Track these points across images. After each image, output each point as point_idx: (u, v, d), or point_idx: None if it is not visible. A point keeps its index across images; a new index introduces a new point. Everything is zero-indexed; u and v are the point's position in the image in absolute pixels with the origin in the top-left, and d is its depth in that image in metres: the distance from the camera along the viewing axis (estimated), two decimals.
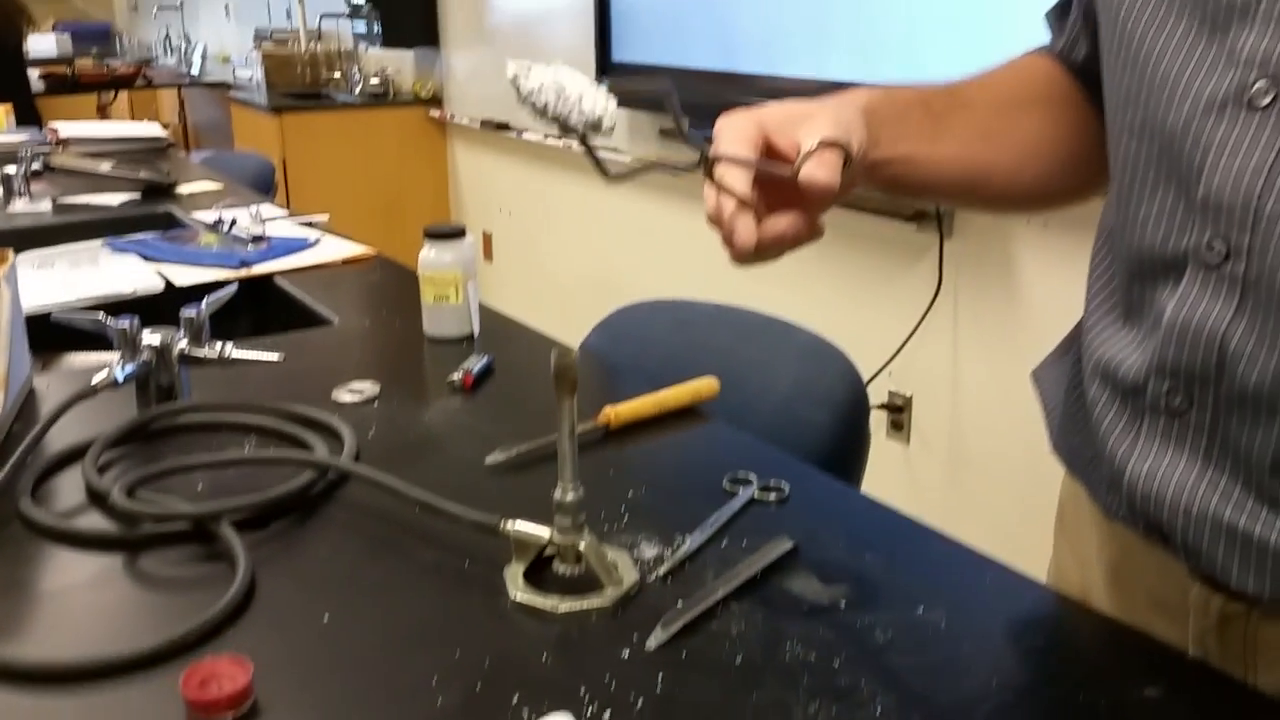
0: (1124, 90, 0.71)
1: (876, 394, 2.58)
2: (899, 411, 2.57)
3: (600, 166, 0.64)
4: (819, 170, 0.69)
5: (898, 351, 2.51)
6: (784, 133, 0.72)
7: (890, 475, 2.63)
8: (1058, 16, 0.90)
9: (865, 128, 0.75)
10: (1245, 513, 0.66)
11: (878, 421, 2.60)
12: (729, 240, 0.71)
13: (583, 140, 0.63)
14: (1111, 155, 0.75)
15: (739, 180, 0.69)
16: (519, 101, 0.60)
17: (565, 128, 0.61)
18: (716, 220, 0.71)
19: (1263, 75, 0.62)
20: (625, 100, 0.64)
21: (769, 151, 0.72)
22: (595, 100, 0.61)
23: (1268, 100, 0.61)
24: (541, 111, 0.61)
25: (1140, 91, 0.69)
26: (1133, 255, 0.71)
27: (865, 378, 2.44)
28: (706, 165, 0.69)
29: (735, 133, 0.71)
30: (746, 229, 0.69)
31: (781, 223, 0.71)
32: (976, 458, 2.43)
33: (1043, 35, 0.92)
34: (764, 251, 0.71)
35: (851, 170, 0.72)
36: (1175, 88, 0.66)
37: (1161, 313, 0.68)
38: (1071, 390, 0.83)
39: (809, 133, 0.71)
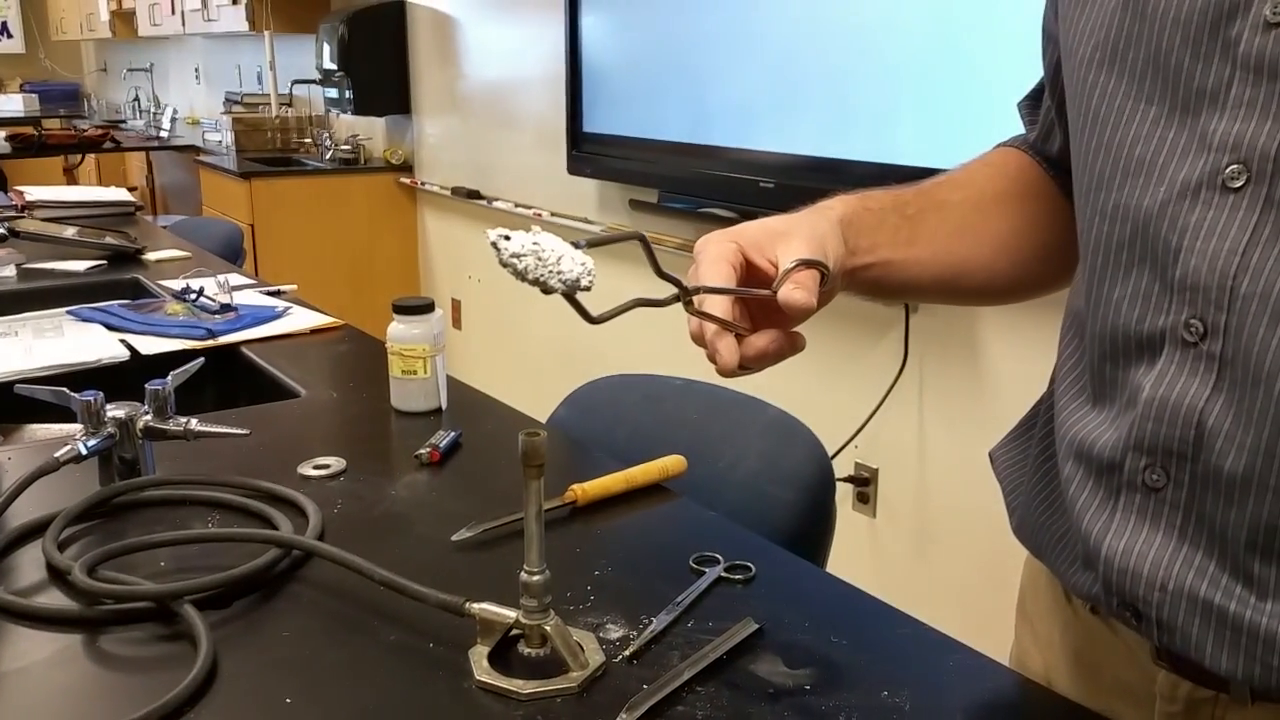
0: (1096, 173, 0.73)
1: (843, 466, 2.59)
2: (865, 484, 2.58)
3: (583, 312, 0.66)
4: (796, 292, 0.72)
5: (865, 424, 2.53)
6: (762, 251, 0.76)
7: (857, 547, 2.64)
8: (1030, 107, 0.92)
9: (841, 239, 0.79)
10: (1221, 590, 0.66)
11: (844, 494, 2.61)
12: (712, 360, 0.74)
13: (565, 294, 0.65)
14: (1081, 238, 0.76)
15: (717, 307, 0.73)
16: (500, 265, 0.63)
17: (546, 290, 0.63)
18: (699, 342, 0.75)
19: (1235, 160, 0.63)
20: (599, 241, 0.68)
21: (748, 269, 0.76)
22: (573, 262, 0.63)
23: (1240, 183, 0.63)
24: (521, 275, 0.63)
25: (1114, 175, 0.70)
26: (1105, 335, 0.72)
27: (832, 450, 2.44)
28: (686, 296, 0.72)
29: (715, 254, 0.75)
30: (728, 350, 0.73)
31: (762, 340, 0.74)
32: (942, 530, 2.44)
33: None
34: (748, 366, 0.74)
35: (830, 282, 0.76)
36: (1150, 172, 0.68)
37: (1138, 390, 0.69)
38: (1036, 470, 0.84)
39: (786, 252, 0.75)
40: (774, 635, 0.86)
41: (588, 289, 0.65)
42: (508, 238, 0.63)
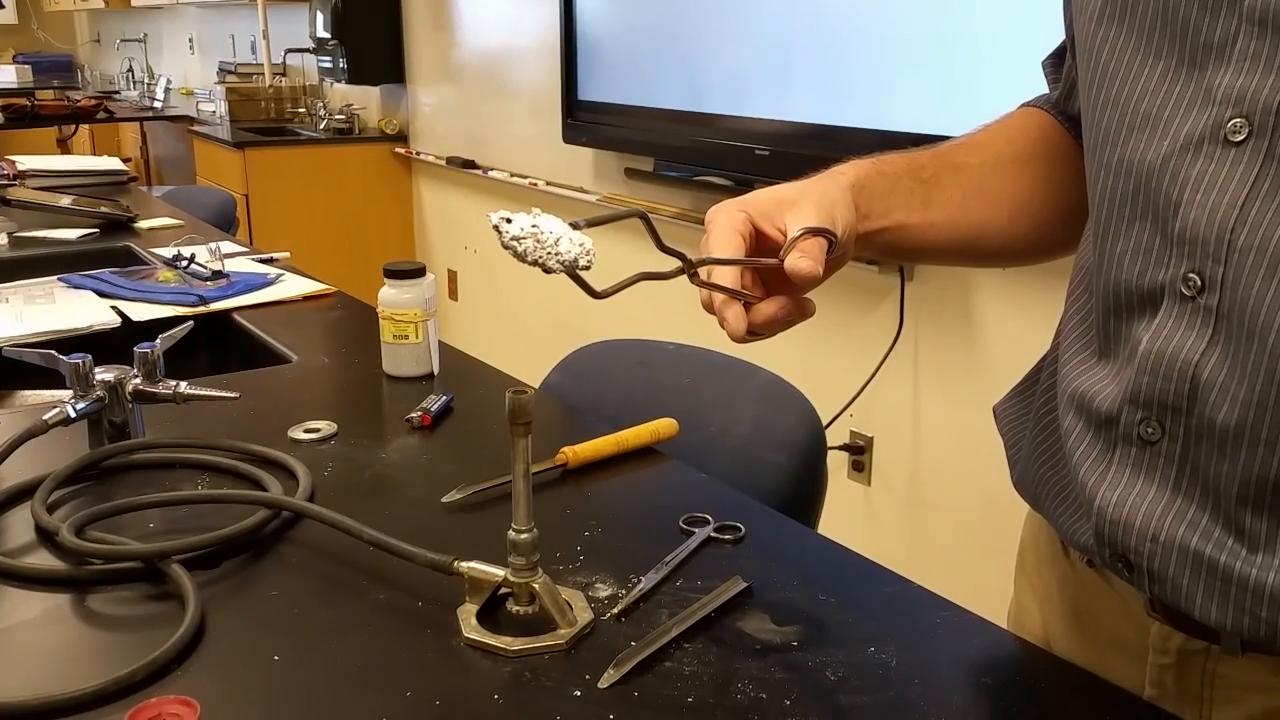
0: (1103, 128, 0.73)
1: (838, 435, 2.59)
2: (860, 452, 2.59)
3: (586, 287, 0.67)
4: (802, 261, 0.73)
5: (859, 392, 2.53)
6: (771, 220, 0.76)
7: (852, 516, 2.64)
8: (1053, 65, 0.92)
9: (852, 205, 0.79)
10: (1212, 542, 0.66)
11: (839, 462, 2.61)
12: (722, 326, 0.75)
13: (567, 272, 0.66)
14: (1090, 192, 0.76)
15: (725, 276, 0.74)
16: (502, 247, 0.63)
17: (547, 270, 0.64)
18: (710, 310, 0.76)
19: (1238, 113, 0.63)
20: (598, 221, 0.68)
21: (758, 238, 0.76)
22: (571, 243, 0.64)
23: (1242, 137, 0.63)
24: (521, 257, 0.64)
25: (1120, 130, 0.70)
26: (1110, 290, 0.72)
27: (827, 418, 2.45)
28: (689, 269, 0.72)
29: (724, 223, 0.76)
30: (736, 317, 0.74)
31: (771, 307, 0.75)
32: (937, 499, 2.44)
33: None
34: (757, 332, 0.75)
35: (840, 248, 0.76)
36: (1155, 126, 0.68)
37: (1137, 345, 0.69)
38: (1038, 423, 0.84)
39: (794, 221, 0.75)
40: (762, 594, 0.86)
41: (586, 268, 0.66)
42: (509, 220, 0.64)
